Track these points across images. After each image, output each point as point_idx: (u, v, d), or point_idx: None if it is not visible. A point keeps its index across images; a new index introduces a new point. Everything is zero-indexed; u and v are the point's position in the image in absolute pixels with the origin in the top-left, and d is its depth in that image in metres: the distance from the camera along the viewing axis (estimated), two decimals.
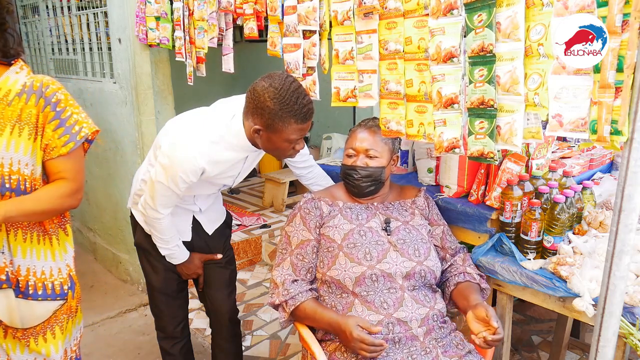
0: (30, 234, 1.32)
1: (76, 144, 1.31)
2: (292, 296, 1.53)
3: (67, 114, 1.30)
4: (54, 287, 1.37)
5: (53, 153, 1.29)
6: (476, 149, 1.24)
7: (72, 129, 1.30)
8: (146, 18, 2.49)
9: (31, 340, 1.36)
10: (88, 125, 1.34)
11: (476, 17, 1.17)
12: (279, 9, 1.75)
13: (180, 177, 1.53)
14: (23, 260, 1.31)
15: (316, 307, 1.51)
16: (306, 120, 1.49)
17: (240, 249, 3.53)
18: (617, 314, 1.05)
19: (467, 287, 1.57)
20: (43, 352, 1.38)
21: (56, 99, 1.29)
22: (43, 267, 1.35)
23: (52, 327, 1.38)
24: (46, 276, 1.35)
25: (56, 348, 1.39)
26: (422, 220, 1.68)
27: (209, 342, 2.21)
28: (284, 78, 1.46)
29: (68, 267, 1.41)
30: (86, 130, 1.33)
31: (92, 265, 3.61)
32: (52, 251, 1.37)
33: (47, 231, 1.36)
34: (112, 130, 3.07)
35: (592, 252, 1.45)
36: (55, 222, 1.38)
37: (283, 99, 1.43)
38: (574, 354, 2.46)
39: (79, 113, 1.33)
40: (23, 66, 1.31)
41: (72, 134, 1.30)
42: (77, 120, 1.31)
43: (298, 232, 1.63)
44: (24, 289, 1.32)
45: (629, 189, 0.97)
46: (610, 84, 0.98)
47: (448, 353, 1.47)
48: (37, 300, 1.34)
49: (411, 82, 1.36)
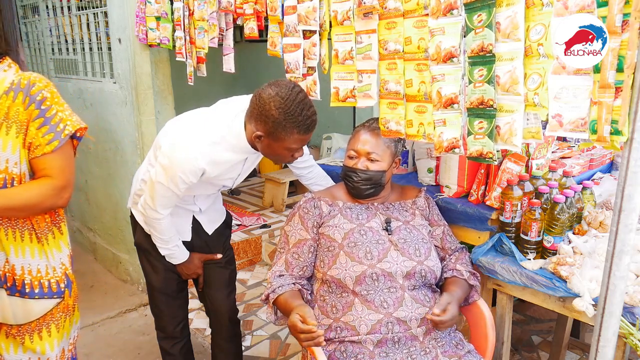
0: (21, 232, 1.31)
1: (61, 142, 1.29)
2: (274, 289, 1.54)
3: (52, 112, 1.28)
4: (50, 286, 1.36)
5: (37, 152, 1.27)
6: (475, 149, 1.24)
7: (57, 127, 1.28)
8: (146, 18, 2.49)
9: (26, 338, 1.36)
10: (72, 123, 1.31)
11: (476, 17, 1.17)
12: (279, 9, 1.75)
13: (180, 177, 1.53)
14: (16, 259, 1.31)
15: (287, 297, 1.50)
16: (309, 131, 1.50)
17: (240, 249, 3.53)
18: (617, 314, 1.05)
19: (452, 282, 1.59)
20: (38, 350, 1.37)
21: (41, 97, 1.27)
22: (38, 265, 1.34)
23: (47, 325, 1.38)
24: (42, 274, 1.35)
25: (51, 346, 1.39)
26: (422, 221, 1.68)
27: (209, 342, 2.21)
28: (291, 88, 1.46)
29: (63, 266, 1.40)
30: (70, 127, 1.30)
31: (92, 265, 3.61)
32: (44, 250, 1.36)
33: (37, 230, 1.34)
34: (112, 130, 3.06)
35: (592, 252, 1.45)
36: (47, 221, 1.37)
37: (288, 109, 1.43)
38: (574, 354, 2.46)
39: (64, 110, 1.31)
40: (11, 64, 1.29)
41: (57, 132, 1.28)
42: (61, 118, 1.29)
43: (296, 231, 1.63)
44: (21, 288, 1.32)
45: (629, 189, 0.97)
46: (610, 84, 0.97)
47: (447, 353, 1.47)
48: (34, 299, 1.34)
49: (411, 82, 1.35)
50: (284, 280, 1.57)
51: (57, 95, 1.32)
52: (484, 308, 1.61)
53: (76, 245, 3.90)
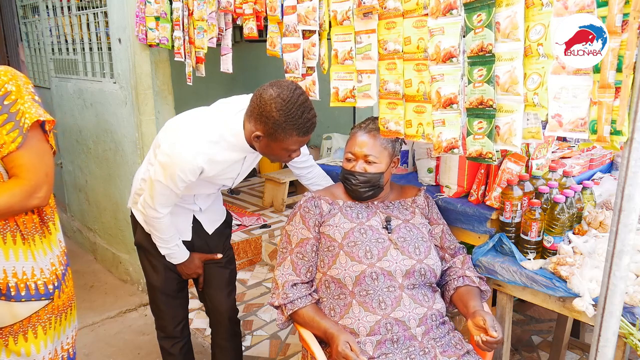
0: (3, 235, 1.26)
1: (24, 138, 1.21)
2: (291, 300, 1.54)
3: (16, 108, 1.21)
4: (38, 287, 1.32)
5: (4, 150, 1.20)
6: (474, 149, 1.24)
7: (20, 122, 1.21)
8: (146, 18, 2.49)
9: (10, 340, 1.32)
10: (30, 115, 1.22)
11: (475, 17, 1.17)
12: (278, 9, 1.75)
13: (179, 176, 1.53)
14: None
15: (314, 315, 1.52)
16: (308, 133, 1.50)
17: (240, 249, 3.53)
18: (617, 314, 1.05)
19: (467, 292, 1.57)
20: (22, 352, 1.33)
21: (4, 92, 1.20)
22: (23, 267, 1.29)
23: (33, 326, 1.34)
24: (28, 277, 1.30)
25: (37, 348, 1.35)
26: (422, 219, 1.68)
27: (209, 342, 2.21)
28: (292, 89, 1.46)
29: (53, 267, 1.36)
30: (28, 120, 1.22)
31: (92, 265, 3.61)
32: (31, 251, 1.31)
33: (23, 231, 1.29)
34: (112, 130, 3.07)
35: (592, 252, 1.44)
36: (35, 222, 1.32)
37: (289, 111, 1.43)
38: (574, 354, 2.46)
39: (24, 103, 1.22)
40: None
41: (20, 127, 1.21)
42: (22, 111, 1.21)
43: (297, 230, 1.63)
44: (5, 291, 1.27)
45: (629, 189, 0.97)
46: (610, 84, 0.97)
47: (447, 353, 1.47)
48: (20, 302, 1.29)
49: (410, 82, 1.35)
50: (299, 291, 1.56)
51: (25, 87, 1.24)
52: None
53: (76, 245, 3.90)
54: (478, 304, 1.50)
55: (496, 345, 1.34)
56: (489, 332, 1.34)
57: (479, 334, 1.36)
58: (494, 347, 1.35)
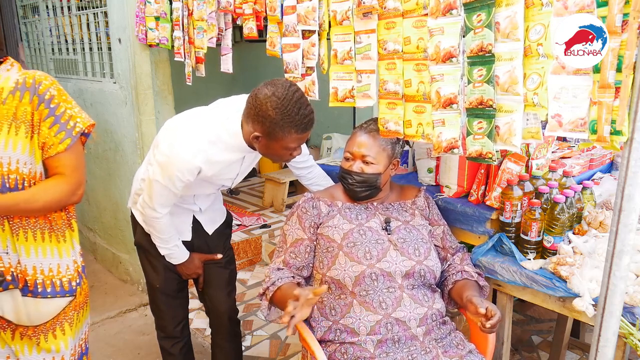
0: (33, 232, 1.32)
1: (73, 140, 1.30)
2: (273, 282, 1.54)
3: (61, 110, 1.29)
4: (63, 284, 1.37)
5: (51, 151, 1.29)
6: (474, 149, 1.24)
7: (67, 124, 1.30)
8: (146, 18, 2.49)
9: (41, 338, 1.37)
10: (82, 120, 1.33)
11: (475, 17, 1.16)
12: (278, 9, 1.75)
13: (177, 175, 1.53)
14: (28, 259, 1.32)
15: (287, 288, 1.48)
16: (306, 130, 1.50)
17: (240, 249, 3.53)
18: (617, 314, 1.05)
19: (464, 285, 1.57)
20: (53, 349, 1.39)
21: (49, 96, 1.28)
22: (50, 264, 1.35)
23: (61, 324, 1.39)
24: (54, 273, 1.36)
25: (66, 344, 1.40)
26: (422, 221, 1.68)
27: (209, 342, 2.21)
28: (287, 87, 1.46)
29: (76, 264, 1.41)
30: (81, 125, 1.32)
31: (92, 265, 3.61)
32: (59, 248, 1.37)
33: (54, 228, 1.36)
34: (112, 130, 3.07)
35: (592, 252, 1.44)
36: (63, 219, 1.38)
37: (285, 109, 1.43)
38: (574, 354, 2.46)
39: (72, 108, 1.33)
40: (13, 63, 1.30)
41: (68, 130, 1.30)
42: (71, 115, 1.31)
43: (293, 230, 1.64)
44: (33, 288, 1.33)
45: (629, 189, 0.96)
46: (610, 84, 0.97)
47: (448, 353, 1.46)
48: (47, 298, 1.34)
49: (410, 82, 1.35)
50: (283, 273, 1.56)
51: (64, 92, 1.33)
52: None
53: None
54: (472, 293, 1.50)
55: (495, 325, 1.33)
56: (479, 310, 1.34)
57: (479, 320, 1.36)
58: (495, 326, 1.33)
